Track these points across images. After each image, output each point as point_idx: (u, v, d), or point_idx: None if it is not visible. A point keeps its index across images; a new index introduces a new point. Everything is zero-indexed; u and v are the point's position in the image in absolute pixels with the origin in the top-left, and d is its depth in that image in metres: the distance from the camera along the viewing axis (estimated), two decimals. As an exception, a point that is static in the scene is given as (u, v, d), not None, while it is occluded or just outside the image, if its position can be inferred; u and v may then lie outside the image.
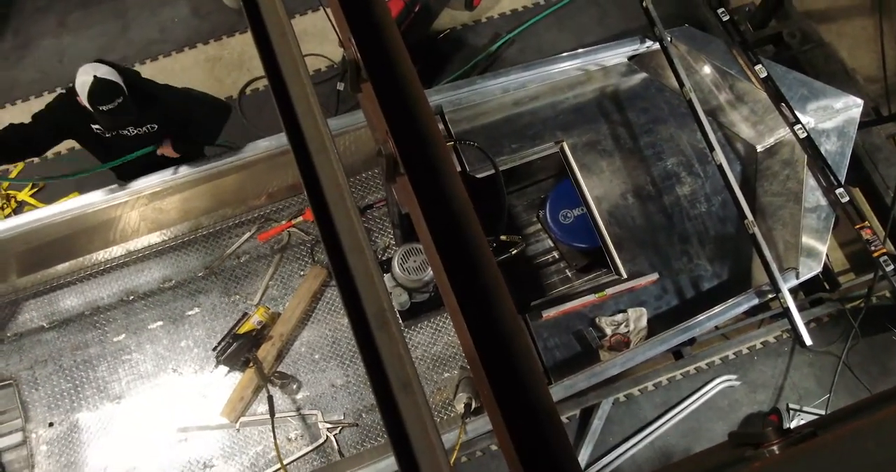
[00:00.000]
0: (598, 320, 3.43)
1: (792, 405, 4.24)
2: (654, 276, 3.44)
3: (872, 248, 3.29)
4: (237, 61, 4.92)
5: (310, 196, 1.31)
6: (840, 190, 3.37)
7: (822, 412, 4.18)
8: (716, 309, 3.31)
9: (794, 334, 3.19)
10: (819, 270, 3.39)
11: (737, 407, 4.27)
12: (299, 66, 1.39)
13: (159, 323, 3.74)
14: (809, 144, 3.43)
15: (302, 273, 3.81)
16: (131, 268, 3.83)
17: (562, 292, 3.73)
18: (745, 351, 4.33)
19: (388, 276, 3.34)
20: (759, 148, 3.71)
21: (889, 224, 3.68)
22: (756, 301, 3.36)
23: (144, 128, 3.23)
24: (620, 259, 3.45)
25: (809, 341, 3.13)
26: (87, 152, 3.45)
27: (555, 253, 3.94)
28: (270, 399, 3.38)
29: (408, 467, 1.18)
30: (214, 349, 3.56)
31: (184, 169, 3.44)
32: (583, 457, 4.06)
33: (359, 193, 3.96)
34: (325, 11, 1.55)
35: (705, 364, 4.28)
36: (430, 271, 3.19)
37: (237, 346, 3.51)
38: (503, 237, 3.32)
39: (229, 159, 3.46)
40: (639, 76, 3.78)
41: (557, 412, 1.25)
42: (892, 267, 3.24)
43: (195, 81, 4.84)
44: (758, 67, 3.51)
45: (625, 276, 3.43)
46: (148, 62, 4.92)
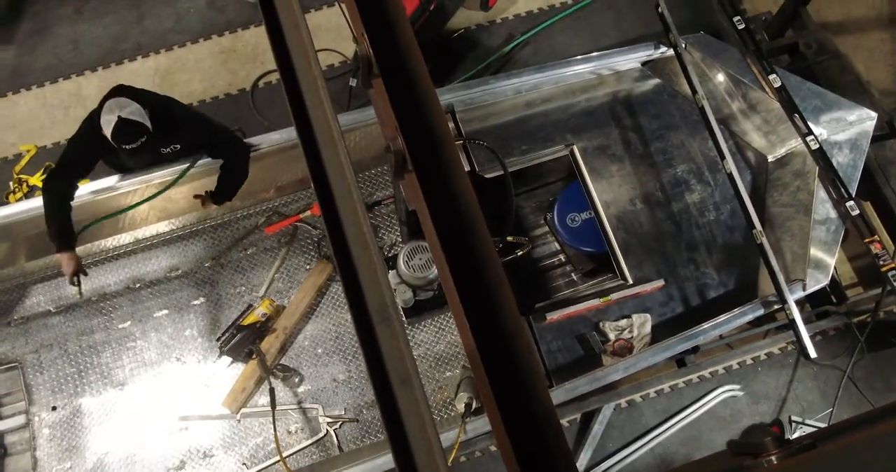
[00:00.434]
0: (601, 324, 3.42)
1: (794, 418, 4.21)
2: (659, 282, 3.43)
3: (881, 262, 3.27)
4: (251, 54, 4.94)
5: (316, 189, 1.31)
6: (850, 203, 3.35)
7: (825, 425, 4.15)
8: (721, 318, 3.30)
9: (798, 346, 3.17)
10: (826, 282, 3.36)
11: (739, 417, 4.24)
12: (311, 59, 1.39)
13: (164, 311, 3.76)
14: (821, 156, 3.41)
15: (308, 267, 3.83)
16: (139, 256, 3.86)
17: (567, 295, 3.73)
18: (749, 361, 4.30)
19: (393, 273, 3.35)
20: (771, 158, 3.69)
21: (899, 239, 3.66)
22: (762, 312, 3.34)
23: (169, 148, 3.30)
24: (627, 265, 3.44)
25: (814, 354, 3.11)
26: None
27: (561, 256, 3.93)
28: (272, 391, 3.40)
29: (404, 462, 1.18)
30: (218, 340, 3.58)
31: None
32: (582, 461, 4.04)
33: (367, 189, 3.97)
34: (340, 6, 1.56)
35: (708, 373, 4.26)
36: (436, 270, 3.19)
37: (241, 337, 3.53)
38: (510, 238, 3.32)
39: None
40: (652, 82, 3.77)
41: (556, 414, 1.25)
42: (900, 282, 3.21)
43: (209, 72, 4.87)
44: (772, 77, 3.49)
45: (630, 281, 3.42)
46: (163, 52, 4.95)
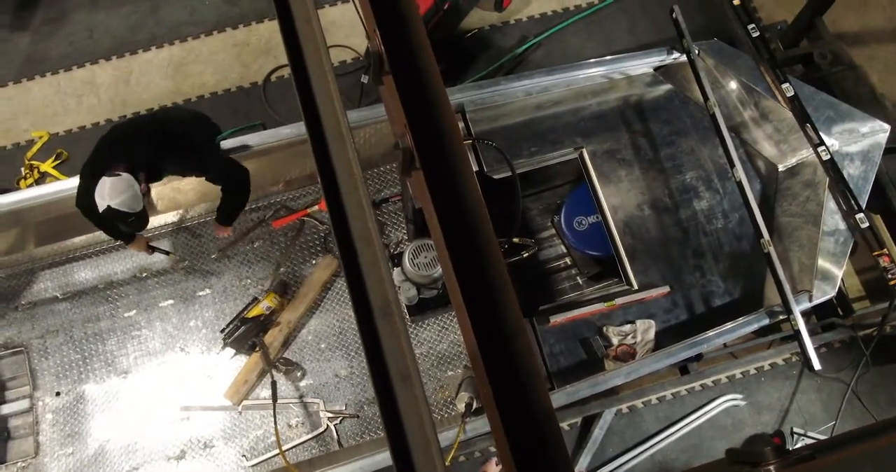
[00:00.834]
0: (605, 329, 3.41)
1: (796, 429, 4.18)
2: (665, 289, 3.42)
3: (889, 276, 3.25)
4: (264, 48, 4.95)
5: (323, 183, 1.32)
6: (860, 215, 3.32)
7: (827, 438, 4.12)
8: (725, 326, 3.28)
9: (803, 357, 3.15)
10: (833, 294, 3.34)
11: (740, 427, 4.22)
12: (322, 54, 1.40)
13: (170, 302, 3.78)
14: (832, 167, 3.38)
15: (314, 262, 3.84)
16: (146, 246, 3.87)
17: (571, 298, 3.73)
18: (752, 371, 4.28)
19: (398, 270, 3.36)
20: (781, 167, 3.67)
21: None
22: (767, 321, 3.33)
23: (177, 171, 3.29)
24: (632, 270, 3.43)
25: (818, 366, 3.09)
26: None
27: (567, 259, 3.93)
28: (274, 385, 3.42)
29: (402, 458, 1.18)
30: (222, 331, 3.60)
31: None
32: (581, 466, 4.04)
33: (375, 186, 3.97)
34: (353, 2, 1.56)
35: (711, 382, 4.24)
36: (440, 269, 3.19)
37: (245, 329, 3.55)
38: (516, 240, 3.32)
39: (250, 145, 3.49)
40: (663, 87, 3.75)
41: (555, 414, 1.25)
42: (908, 296, 3.20)
43: (222, 64, 4.89)
44: (785, 86, 3.47)
45: (636, 287, 3.42)
46: (177, 43, 4.97)
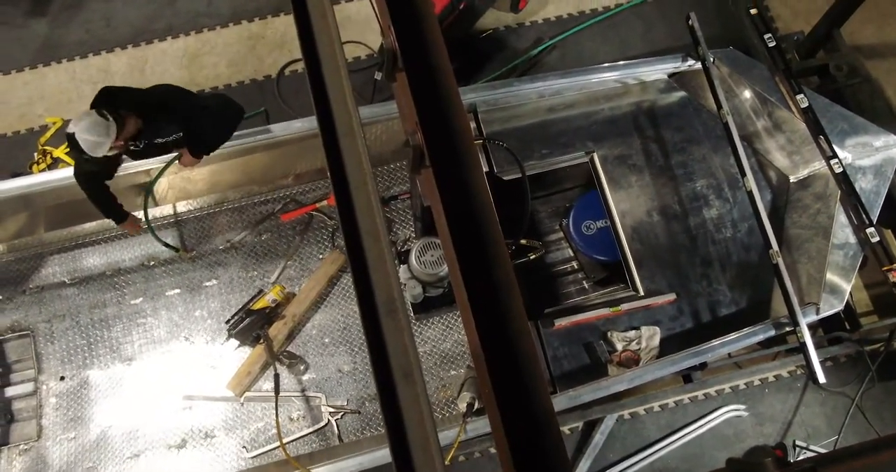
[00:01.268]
0: (609, 334, 3.41)
1: (799, 442, 4.16)
2: (671, 296, 3.40)
3: (898, 291, 3.23)
4: (279, 41, 4.97)
5: (332, 177, 1.32)
6: (871, 229, 3.30)
7: (829, 452, 4.10)
8: (731, 336, 3.27)
9: (808, 370, 3.14)
10: (841, 308, 3.32)
11: (742, 438, 4.20)
12: (336, 49, 1.40)
13: (176, 291, 3.80)
14: (844, 180, 3.36)
15: (321, 257, 3.85)
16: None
17: (577, 302, 3.71)
18: (756, 382, 4.26)
19: (404, 268, 3.36)
20: (793, 179, 3.65)
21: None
22: (773, 333, 3.31)
23: (172, 137, 3.24)
24: (639, 276, 3.42)
25: (823, 379, 3.08)
26: None
27: (574, 263, 3.92)
28: (277, 377, 3.43)
29: (401, 454, 1.18)
30: (227, 322, 3.61)
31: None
32: (581, 470, 4.03)
33: (385, 183, 3.98)
34: (370, -2, 1.56)
35: (714, 391, 4.22)
36: (447, 267, 3.19)
37: (250, 321, 3.56)
38: (523, 241, 3.32)
39: (261, 137, 3.51)
40: (677, 94, 3.74)
41: (556, 419, 1.25)
42: (916, 313, 3.17)
43: (236, 56, 4.91)
44: (799, 97, 3.45)
45: (642, 293, 3.40)
46: (192, 34, 5.00)
